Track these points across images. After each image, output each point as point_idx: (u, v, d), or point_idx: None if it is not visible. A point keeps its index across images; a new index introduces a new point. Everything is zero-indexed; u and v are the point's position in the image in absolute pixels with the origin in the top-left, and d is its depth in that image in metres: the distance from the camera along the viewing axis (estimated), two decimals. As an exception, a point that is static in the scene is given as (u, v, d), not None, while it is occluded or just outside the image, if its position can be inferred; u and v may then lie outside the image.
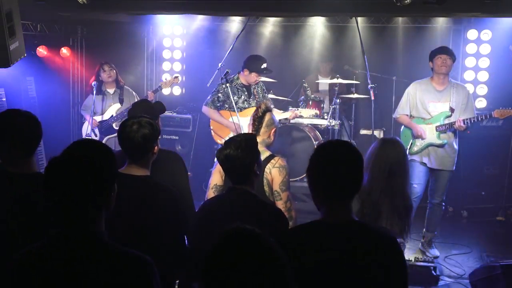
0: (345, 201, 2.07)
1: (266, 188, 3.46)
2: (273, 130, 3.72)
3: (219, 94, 5.84)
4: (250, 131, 3.76)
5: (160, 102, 3.86)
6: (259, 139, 3.62)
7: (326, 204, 2.07)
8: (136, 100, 6.48)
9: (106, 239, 1.81)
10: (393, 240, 2.05)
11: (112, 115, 6.41)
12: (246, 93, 5.86)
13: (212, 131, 6.08)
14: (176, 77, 6.85)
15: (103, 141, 6.42)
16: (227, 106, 5.83)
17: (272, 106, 6.10)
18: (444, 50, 5.33)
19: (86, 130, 6.42)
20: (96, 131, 6.44)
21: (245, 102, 5.85)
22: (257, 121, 3.69)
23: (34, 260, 1.75)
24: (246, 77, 5.85)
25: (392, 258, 1.99)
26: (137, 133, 2.70)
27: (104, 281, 1.72)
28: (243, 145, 2.75)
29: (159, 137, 3.54)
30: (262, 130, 3.69)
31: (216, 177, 3.56)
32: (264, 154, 3.53)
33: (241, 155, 2.72)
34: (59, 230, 1.77)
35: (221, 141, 5.92)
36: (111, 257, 1.76)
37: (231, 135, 5.78)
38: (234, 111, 5.59)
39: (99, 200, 1.79)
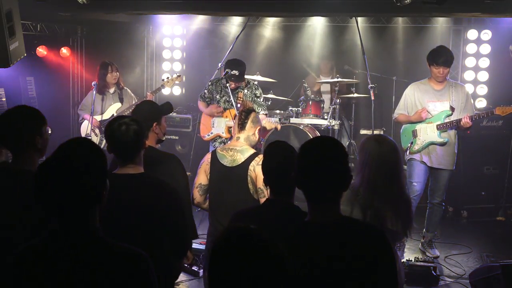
0: (333, 200, 2.05)
1: (250, 185, 3.47)
2: (258, 128, 3.71)
3: (205, 91, 5.89)
4: (235, 130, 3.71)
5: (168, 103, 3.85)
6: (244, 134, 3.63)
7: (313, 204, 2.06)
8: (134, 101, 6.49)
9: (101, 234, 1.82)
10: (381, 234, 2.04)
11: (112, 114, 6.40)
12: (229, 93, 5.67)
13: (201, 124, 6.16)
14: (179, 76, 6.84)
15: (104, 141, 6.41)
16: (213, 102, 5.85)
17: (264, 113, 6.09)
18: (442, 62, 5.18)
19: (86, 130, 6.41)
20: (97, 130, 6.43)
21: (227, 102, 5.75)
22: (244, 115, 3.64)
23: (31, 257, 1.76)
24: None
25: (381, 253, 1.98)
26: (128, 132, 2.70)
27: (100, 277, 1.73)
28: (292, 154, 2.62)
29: (163, 139, 3.59)
30: (248, 125, 3.64)
31: (202, 176, 3.62)
32: (248, 151, 3.54)
33: (288, 164, 2.52)
34: (54, 227, 1.79)
35: (204, 135, 6.01)
36: (106, 252, 1.78)
37: (213, 130, 5.85)
38: (220, 107, 5.73)
39: (91, 196, 1.80)
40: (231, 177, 3.53)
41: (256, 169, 3.45)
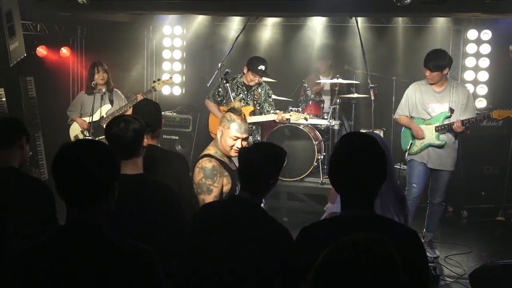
0: (366, 197, 2.05)
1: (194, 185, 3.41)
2: (221, 131, 3.47)
3: (219, 89, 6.08)
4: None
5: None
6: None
7: (346, 200, 2.06)
8: (125, 102, 6.45)
9: (107, 231, 1.83)
10: (415, 234, 2.05)
11: (102, 116, 6.30)
12: (245, 92, 6.03)
13: (208, 124, 6.33)
14: (170, 78, 6.80)
15: None
16: (225, 102, 5.97)
17: (272, 110, 6.12)
18: (432, 66, 5.14)
19: (75, 131, 6.32)
20: (86, 132, 6.27)
21: (242, 100, 5.99)
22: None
23: (37, 254, 1.77)
24: (245, 76, 6.01)
25: (415, 252, 1.98)
26: (127, 129, 2.73)
27: (108, 272, 1.73)
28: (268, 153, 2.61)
29: (159, 137, 3.59)
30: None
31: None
32: (203, 153, 3.48)
33: (264, 163, 2.54)
34: (62, 224, 1.82)
35: (213, 136, 6.00)
36: (112, 248, 1.79)
37: None
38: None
39: (99, 194, 1.83)
40: None
41: (195, 171, 3.37)
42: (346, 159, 2.04)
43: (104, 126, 6.27)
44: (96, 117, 6.30)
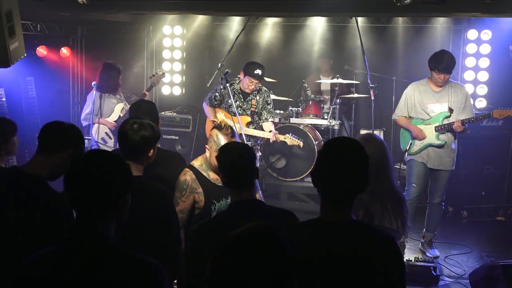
0: (345, 201, 2.04)
1: None
2: (208, 149, 3.37)
3: (217, 94, 5.82)
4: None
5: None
6: None
7: (325, 203, 2.06)
8: (124, 102, 6.45)
9: (115, 243, 1.81)
10: (391, 239, 2.04)
11: (119, 116, 6.32)
12: (242, 99, 5.77)
13: (205, 126, 6.17)
14: (163, 73, 6.81)
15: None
16: (224, 106, 5.81)
17: (271, 119, 5.91)
18: (443, 68, 5.16)
19: (98, 133, 6.23)
20: (111, 134, 6.26)
21: (239, 108, 5.72)
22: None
23: (44, 264, 1.75)
24: (242, 82, 5.74)
25: (390, 256, 1.98)
26: (137, 132, 2.72)
27: (114, 285, 1.71)
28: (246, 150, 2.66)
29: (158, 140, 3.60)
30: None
31: None
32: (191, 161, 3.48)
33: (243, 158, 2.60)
34: (70, 234, 1.79)
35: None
36: (120, 261, 1.76)
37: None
38: (229, 112, 5.58)
39: (109, 207, 1.80)
40: None
41: None
42: (324, 164, 2.04)
43: None
44: (114, 117, 6.34)
